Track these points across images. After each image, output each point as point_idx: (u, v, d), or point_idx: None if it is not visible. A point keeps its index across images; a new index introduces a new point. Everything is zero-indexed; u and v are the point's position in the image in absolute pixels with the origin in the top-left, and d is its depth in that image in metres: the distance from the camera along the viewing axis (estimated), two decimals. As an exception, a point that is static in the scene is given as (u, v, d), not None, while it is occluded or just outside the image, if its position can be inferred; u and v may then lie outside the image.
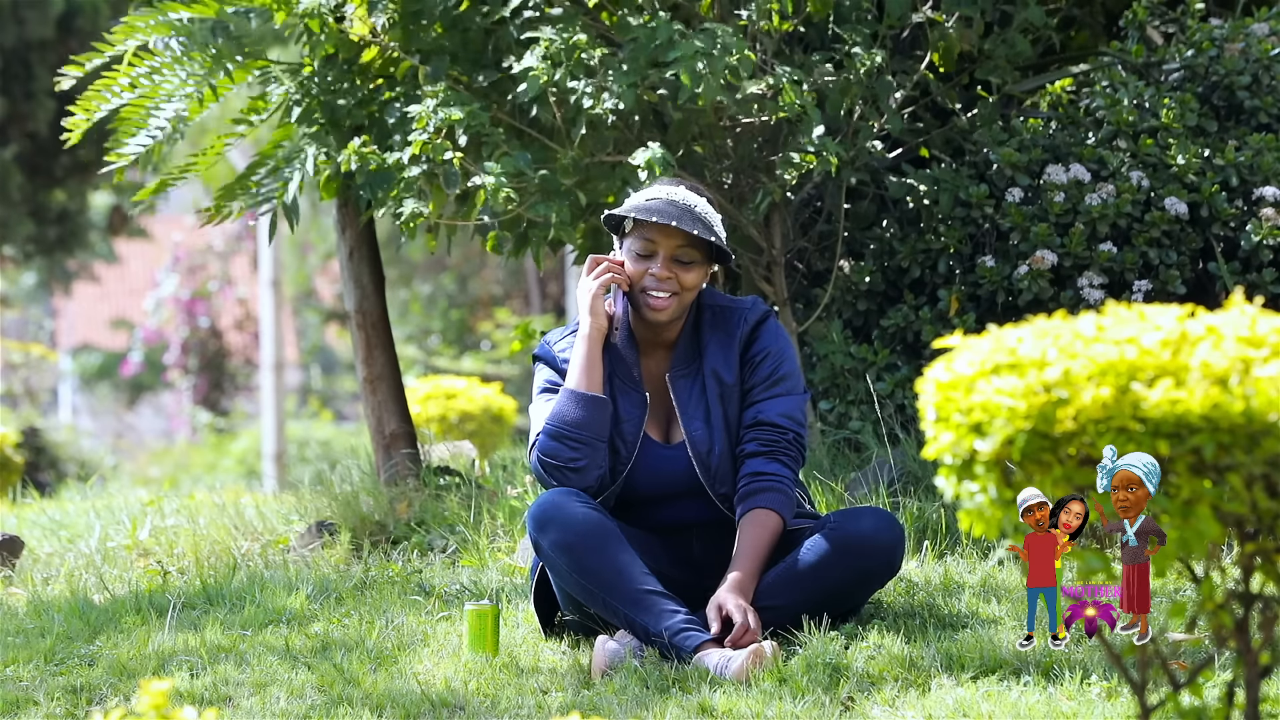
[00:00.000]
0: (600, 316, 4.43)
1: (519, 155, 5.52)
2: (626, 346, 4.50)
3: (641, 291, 4.43)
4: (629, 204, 4.46)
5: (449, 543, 5.73)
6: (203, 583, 5.16)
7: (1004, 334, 2.92)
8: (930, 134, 6.16)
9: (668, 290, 4.41)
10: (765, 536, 4.33)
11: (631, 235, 4.45)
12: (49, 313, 28.95)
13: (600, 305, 4.43)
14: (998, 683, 3.89)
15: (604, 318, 4.43)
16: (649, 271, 4.41)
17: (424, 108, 5.50)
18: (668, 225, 4.37)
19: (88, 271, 18.76)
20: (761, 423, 4.43)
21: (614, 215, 4.46)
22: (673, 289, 4.41)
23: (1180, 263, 5.95)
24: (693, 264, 4.42)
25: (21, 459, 10.13)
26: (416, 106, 5.53)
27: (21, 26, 14.70)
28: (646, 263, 4.42)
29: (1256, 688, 2.90)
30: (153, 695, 2.83)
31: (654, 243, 4.41)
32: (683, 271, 4.42)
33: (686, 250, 4.41)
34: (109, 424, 26.58)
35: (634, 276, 4.44)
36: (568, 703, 3.95)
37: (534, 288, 21.95)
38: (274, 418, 17.92)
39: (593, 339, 4.42)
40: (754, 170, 5.90)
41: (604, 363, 4.46)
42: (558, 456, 4.39)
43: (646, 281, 4.42)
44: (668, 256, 4.41)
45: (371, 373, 6.46)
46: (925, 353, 6.04)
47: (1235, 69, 6.15)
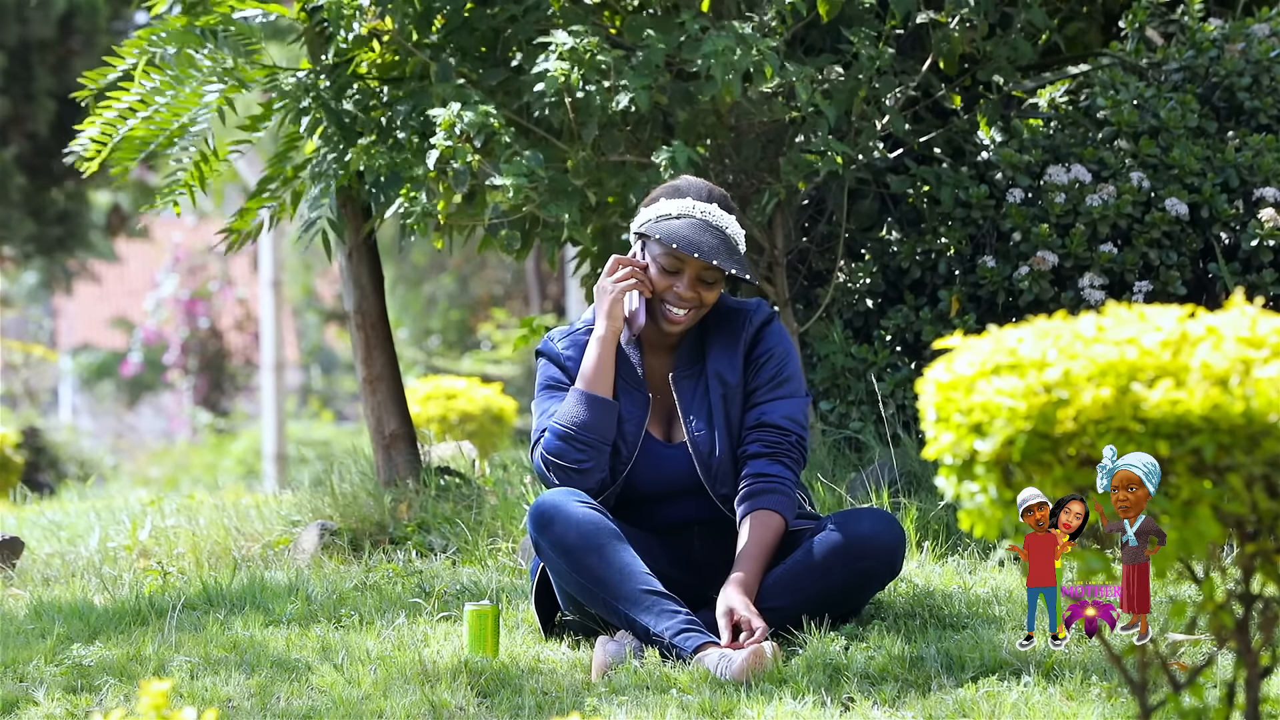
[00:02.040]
0: (617, 320, 4.43)
1: (532, 156, 5.51)
2: (630, 346, 4.51)
3: (661, 302, 4.43)
4: (660, 219, 4.42)
5: (449, 543, 5.73)
6: (203, 583, 5.16)
7: (1004, 334, 2.92)
8: (931, 134, 6.16)
9: (688, 307, 4.42)
10: (768, 537, 4.34)
11: (659, 248, 4.44)
12: (49, 313, 28.95)
13: (619, 309, 4.43)
14: (998, 683, 3.89)
15: (620, 321, 4.43)
16: (673, 288, 4.42)
17: (449, 112, 5.48)
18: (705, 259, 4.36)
19: (88, 271, 18.75)
20: (764, 424, 4.44)
21: (652, 238, 4.43)
22: (694, 306, 4.43)
23: (1180, 263, 5.95)
24: (716, 283, 4.44)
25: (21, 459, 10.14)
26: (440, 111, 5.50)
27: (25, 26, 14.70)
28: (671, 278, 4.42)
29: (1256, 688, 2.90)
30: (153, 695, 2.83)
31: (683, 263, 4.41)
32: (706, 291, 4.43)
33: (712, 272, 4.42)
34: (109, 424, 26.59)
35: (657, 286, 4.44)
36: (568, 703, 3.95)
37: (534, 288, 21.94)
38: (274, 418, 17.92)
39: (607, 342, 4.42)
40: (758, 171, 5.90)
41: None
42: (564, 457, 4.39)
43: (669, 296, 4.43)
44: (694, 277, 4.42)
45: (371, 373, 6.46)
46: (925, 353, 6.04)
47: (1235, 69, 6.15)
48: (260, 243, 18.83)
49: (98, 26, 15.10)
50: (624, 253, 5.39)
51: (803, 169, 5.69)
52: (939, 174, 6.04)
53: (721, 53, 5.40)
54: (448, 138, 5.46)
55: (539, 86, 5.48)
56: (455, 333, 22.31)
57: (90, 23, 15.04)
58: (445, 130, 5.47)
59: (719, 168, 5.93)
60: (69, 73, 14.97)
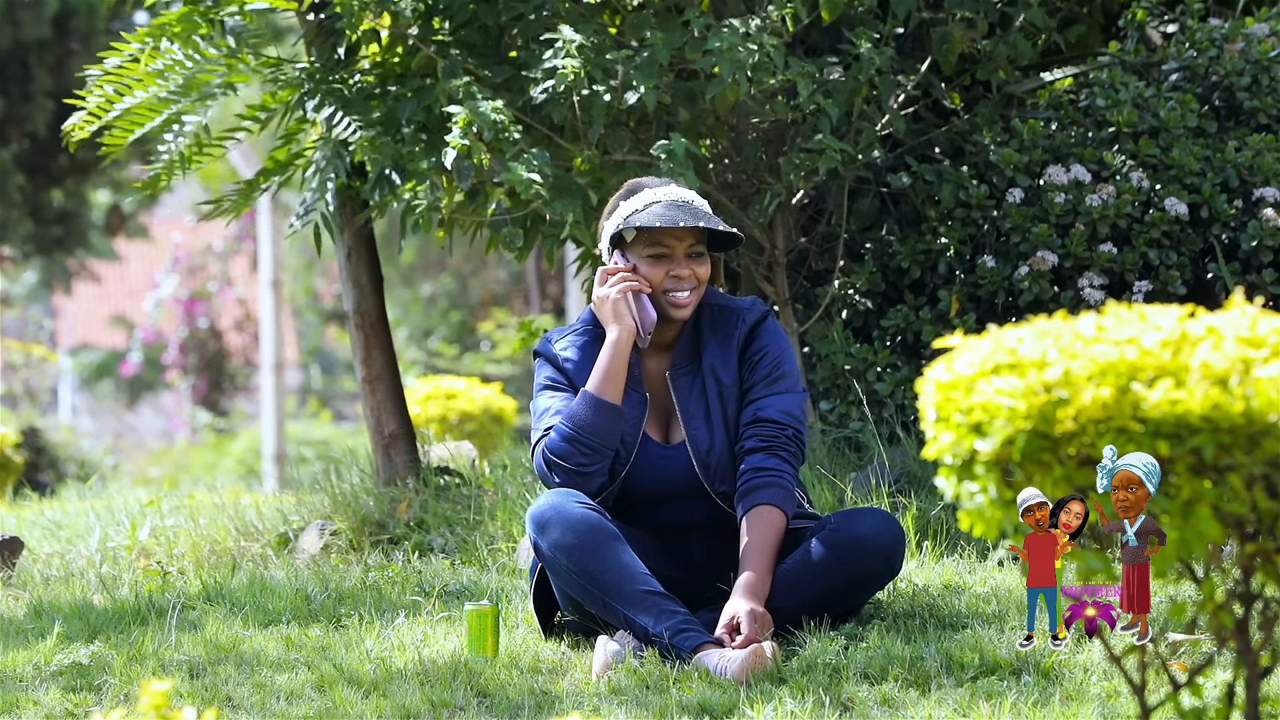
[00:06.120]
0: (625, 318, 4.43)
1: (539, 153, 5.51)
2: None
3: (663, 293, 4.45)
4: (628, 216, 4.46)
5: (449, 543, 5.73)
6: (202, 583, 5.16)
7: (1004, 334, 2.92)
8: (931, 134, 6.16)
9: (689, 287, 4.44)
10: (771, 534, 4.34)
11: (639, 243, 4.45)
12: (49, 312, 28.95)
13: (624, 309, 4.43)
14: (998, 683, 3.89)
15: (629, 319, 4.43)
16: (669, 273, 4.44)
17: (466, 109, 5.47)
18: (685, 227, 4.39)
19: (88, 271, 18.75)
20: (761, 419, 4.44)
21: (629, 236, 4.45)
22: (693, 285, 4.45)
23: (1180, 263, 5.95)
24: (703, 256, 4.48)
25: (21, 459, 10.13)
26: (457, 108, 5.49)
27: (17, 28, 14.70)
28: (663, 265, 4.44)
29: (1256, 688, 2.90)
30: (153, 695, 2.83)
31: (667, 245, 4.43)
32: (698, 266, 4.46)
33: (697, 245, 4.45)
34: (109, 424, 26.58)
35: (651, 279, 4.45)
36: (568, 703, 3.95)
37: (534, 288, 21.94)
38: (274, 418, 17.91)
39: (621, 345, 4.42)
40: (758, 172, 5.90)
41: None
42: (568, 459, 4.39)
43: (667, 283, 4.44)
44: (683, 255, 4.44)
45: (370, 373, 6.46)
46: (925, 353, 6.04)
47: (1235, 69, 6.15)
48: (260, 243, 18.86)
49: (96, 27, 15.09)
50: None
51: (803, 168, 5.69)
52: (940, 170, 6.04)
53: (728, 50, 5.40)
54: (463, 135, 5.45)
55: (548, 84, 5.48)
56: (455, 333, 22.30)
57: (88, 23, 15.03)
58: (461, 127, 5.46)
59: (719, 168, 5.93)
60: (67, 73, 14.98)
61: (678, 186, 4.50)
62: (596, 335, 4.52)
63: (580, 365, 4.50)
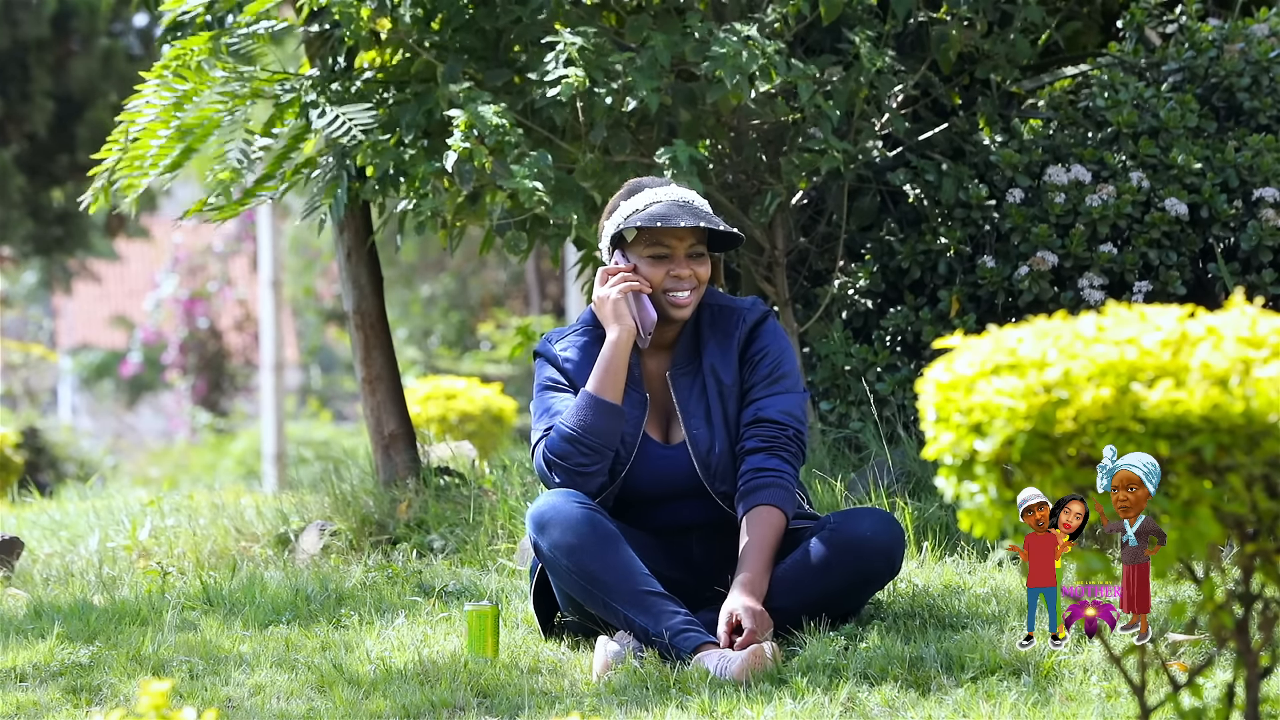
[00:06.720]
0: (625, 317, 4.43)
1: (540, 155, 5.51)
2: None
3: (663, 293, 4.45)
4: (628, 216, 4.46)
5: (449, 543, 5.73)
6: (202, 583, 5.16)
7: (1004, 334, 2.92)
8: (931, 134, 6.17)
9: (689, 287, 4.44)
10: (771, 534, 4.34)
11: (639, 243, 4.45)
12: (49, 312, 28.95)
13: (624, 308, 4.43)
14: (998, 683, 3.89)
15: (630, 319, 4.43)
16: (669, 273, 4.44)
17: (469, 112, 5.47)
18: (686, 226, 4.39)
19: (88, 271, 18.76)
20: (761, 420, 4.44)
21: (630, 235, 4.45)
22: (693, 285, 4.45)
23: (1180, 263, 5.95)
24: (703, 256, 4.48)
25: (21, 459, 10.14)
26: (459, 112, 5.49)
27: (15, 28, 14.71)
28: (663, 265, 4.44)
29: (1256, 688, 2.90)
30: (153, 695, 2.83)
31: (668, 245, 4.44)
32: (698, 266, 4.46)
33: (697, 245, 4.45)
34: (109, 424, 26.59)
35: (651, 278, 4.45)
36: (568, 703, 3.95)
37: (534, 288, 21.94)
38: (274, 418, 17.91)
39: (621, 345, 4.42)
40: (759, 172, 5.90)
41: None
42: (568, 459, 4.39)
43: (668, 283, 4.45)
44: (684, 255, 4.44)
45: (370, 373, 6.46)
46: (925, 353, 6.04)
47: (1234, 70, 6.15)
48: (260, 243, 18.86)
49: (96, 28, 15.09)
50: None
51: (803, 168, 5.69)
52: (940, 167, 6.04)
53: (731, 56, 5.40)
54: (465, 139, 5.45)
55: (553, 91, 5.47)
56: (455, 333, 22.31)
57: (88, 24, 15.03)
58: (463, 131, 5.46)
59: (719, 168, 5.93)
60: (67, 73, 14.97)
61: (678, 186, 4.50)
62: (596, 335, 4.52)
63: (580, 365, 4.50)
